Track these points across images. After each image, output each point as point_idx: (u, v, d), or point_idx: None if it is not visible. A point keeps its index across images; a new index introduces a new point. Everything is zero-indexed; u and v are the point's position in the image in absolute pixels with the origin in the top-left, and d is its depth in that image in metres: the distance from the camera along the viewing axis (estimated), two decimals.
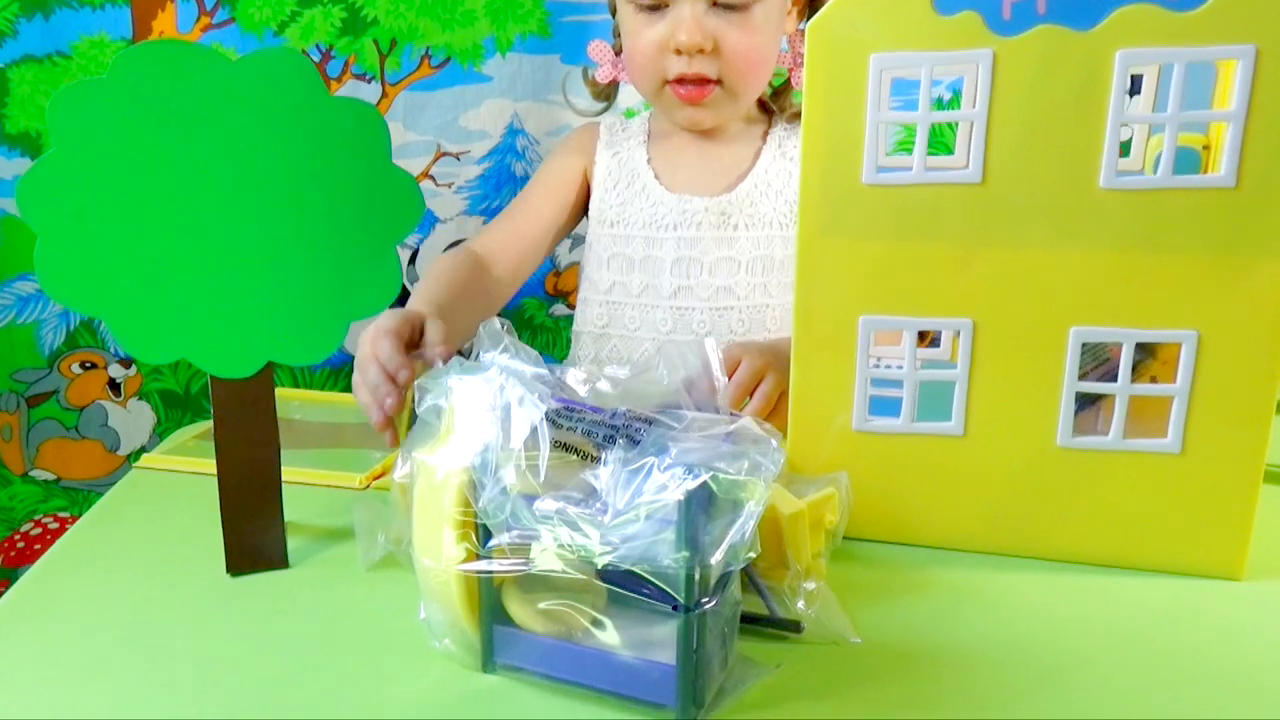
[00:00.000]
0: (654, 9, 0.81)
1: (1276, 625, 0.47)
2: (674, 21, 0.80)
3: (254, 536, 0.53)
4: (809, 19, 0.86)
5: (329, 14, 1.00)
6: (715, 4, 0.79)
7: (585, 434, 0.40)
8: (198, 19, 0.97)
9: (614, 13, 0.92)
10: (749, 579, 0.47)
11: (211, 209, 0.49)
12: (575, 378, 0.46)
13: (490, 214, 1.09)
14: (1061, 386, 0.50)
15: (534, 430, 0.40)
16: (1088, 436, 0.51)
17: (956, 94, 0.75)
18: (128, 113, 0.47)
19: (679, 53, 0.80)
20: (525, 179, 1.09)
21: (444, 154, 1.06)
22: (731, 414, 0.43)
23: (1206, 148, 0.60)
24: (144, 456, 0.69)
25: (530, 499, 0.39)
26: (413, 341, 0.66)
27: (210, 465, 0.53)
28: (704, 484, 0.36)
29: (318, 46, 1.01)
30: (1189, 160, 0.60)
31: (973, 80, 0.65)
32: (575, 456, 0.40)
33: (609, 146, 0.92)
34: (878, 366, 0.53)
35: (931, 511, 0.54)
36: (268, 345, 0.52)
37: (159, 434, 1.07)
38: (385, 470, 0.66)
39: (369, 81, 1.03)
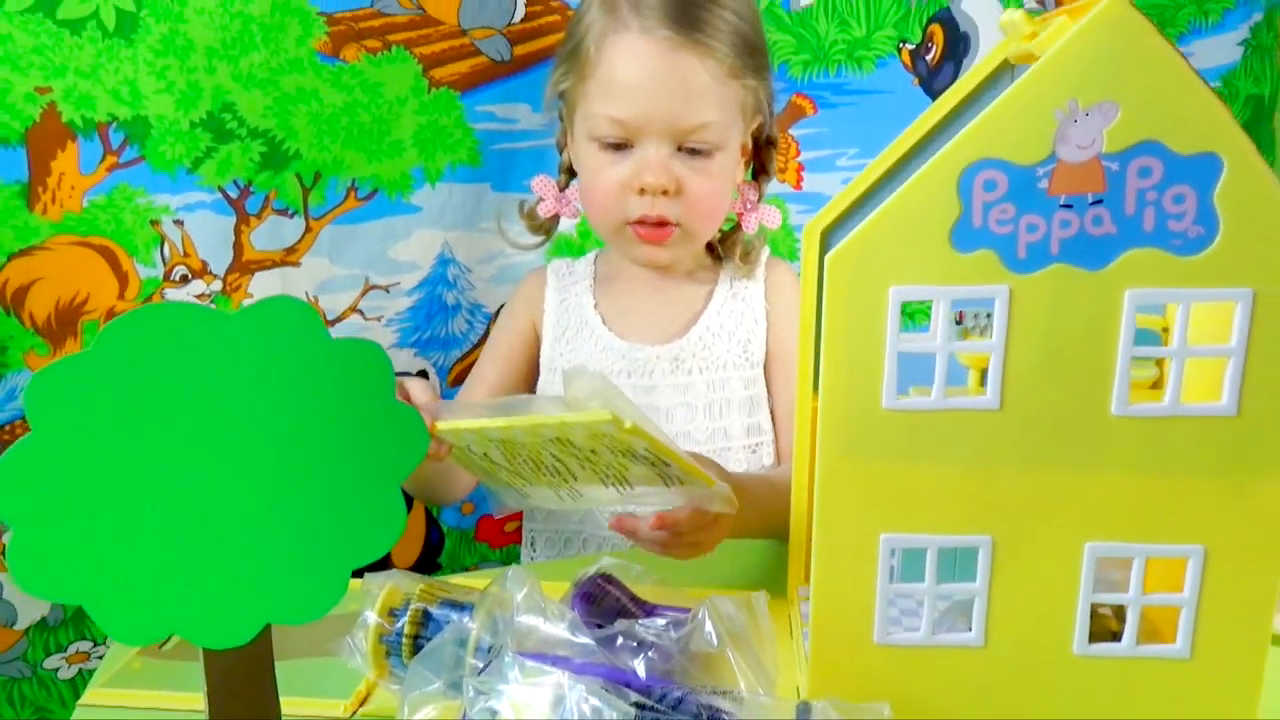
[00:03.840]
0: (618, 148, 0.81)
1: None
2: (639, 162, 0.81)
3: None
4: (752, 171, 0.90)
5: (247, 149, 0.94)
6: (680, 149, 0.81)
7: None
8: (103, 158, 0.90)
9: (561, 149, 0.91)
10: None
11: (203, 472, 0.45)
12: (625, 645, 0.44)
13: (422, 345, 1.06)
14: (1077, 598, 0.52)
15: None
16: (1103, 644, 0.52)
17: None
18: (113, 386, 0.42)
19: (643, 193, 0.80)
20: (457, 308, 1.06)
21: (372, 287, 1.02)
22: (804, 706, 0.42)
23: (1166, 329, 0.63)
24: (88, 691, 0.61)
25: None
26: None
27: (174, 699, 0.48)
28: None
29: (235, 182, 0.95)
30: (1150, 339, 0.63)
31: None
32: None
33: (558, 293, 0.90)
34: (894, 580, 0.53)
35: None
36: (265, 606, 0.48)
37: (61, 604, 0.97)
38: (370, 692, 0.61)
39: (291, 216, 0.98)
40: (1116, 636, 0.53)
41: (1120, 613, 0.60)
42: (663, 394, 0.86)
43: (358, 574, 0.55)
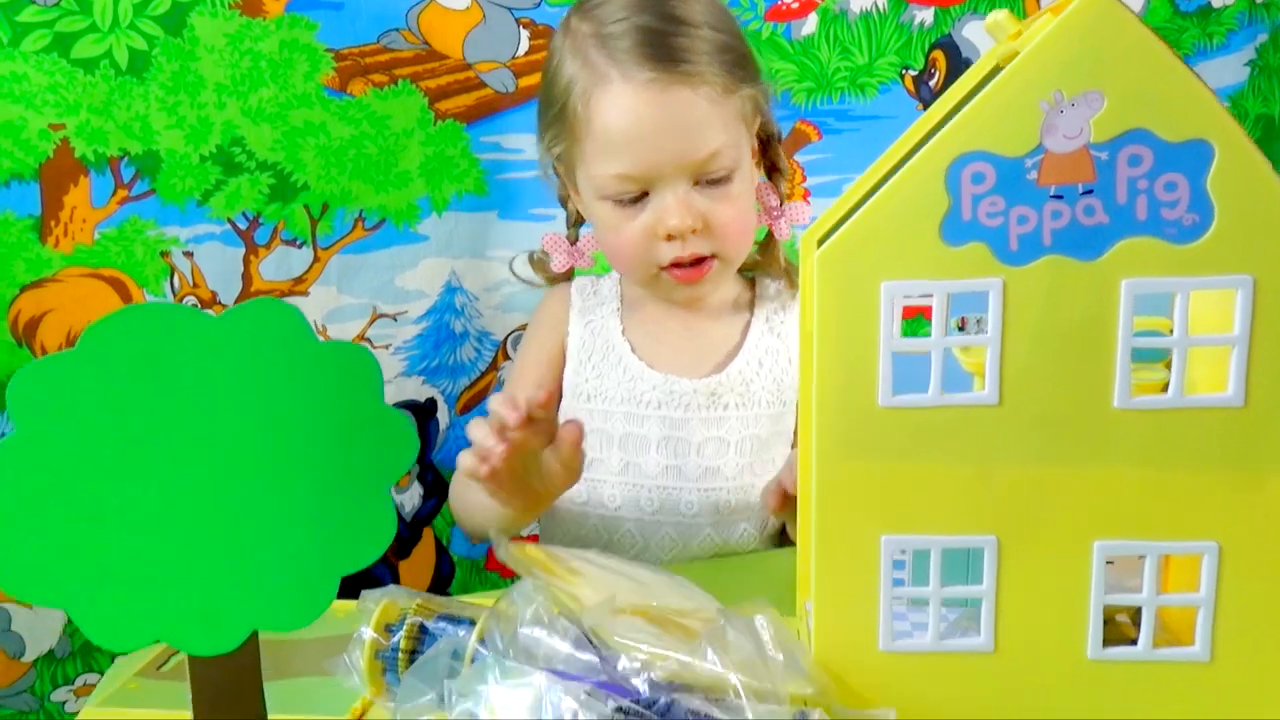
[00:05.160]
0: (633, 201, 0.79)
1: None
2: (659, 209, 0.78)
3: None
4: (767, 173, 0.88)
5: (256, 181, 0.96)
6: (697, 183, 0.78)
7: None
8: (114, 192, 0.91)
9: (564, 202, 0.89)
10: None
11: (188, 475, 0.45)
12: (627, 666, 0.42)
13: (430, 373, 1.06)
14: (1089, 600, 0.50)
15: None
16: (1119, 648, 0.51)
17: None
18: (97, 386, 0.42)
19: (670, 238, 0.78)
20: (465, 335, 1.07)
21: (380, 315, 1.02)
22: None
23: None
24: (84, 711, 0.61)
25: None
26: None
27: (172, 714, 0.47)
28: None
29: (245, 214, 0.96)
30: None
31: None
32: None
33: (582, 314, 0.88)
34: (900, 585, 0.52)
35: None
36: (251, 613, 0.47)
37: (70, 634, 0.96)
38: (366, 710, 0.60)
39: (299, 247, 0.99)
40: (1135, 644, 0.51)
41: (1138, 618, 0.58)
42: (694, 428, 0.84)
43: (354, 592, 0.55)
